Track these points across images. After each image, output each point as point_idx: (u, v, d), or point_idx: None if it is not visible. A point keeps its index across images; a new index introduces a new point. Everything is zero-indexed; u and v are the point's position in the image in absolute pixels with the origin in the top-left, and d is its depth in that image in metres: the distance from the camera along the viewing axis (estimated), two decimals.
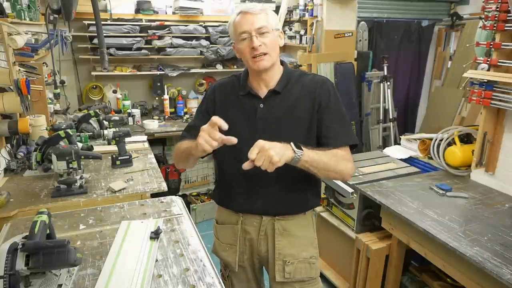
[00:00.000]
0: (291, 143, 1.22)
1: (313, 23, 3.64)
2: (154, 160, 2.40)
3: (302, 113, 1.38)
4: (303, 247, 1.48)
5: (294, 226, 1.47)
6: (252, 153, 1.15)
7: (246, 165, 1.17)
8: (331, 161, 1.30)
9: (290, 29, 4.12)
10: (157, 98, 3.98)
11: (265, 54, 1.31)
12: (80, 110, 3.36)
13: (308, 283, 1.49)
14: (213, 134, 1.17)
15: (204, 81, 4.17)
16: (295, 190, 1.43)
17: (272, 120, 1.38)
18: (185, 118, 3.81)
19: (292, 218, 1.46)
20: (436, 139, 2.40)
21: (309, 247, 1.49)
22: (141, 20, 3.66)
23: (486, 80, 2.02)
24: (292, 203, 1.44)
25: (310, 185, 1.48)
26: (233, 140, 1.18)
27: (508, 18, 1.89)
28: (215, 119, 1.17)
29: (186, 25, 3.77)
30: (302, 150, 1.22)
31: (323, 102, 1.38)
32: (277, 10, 4.02)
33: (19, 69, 2.01)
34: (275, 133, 1.36)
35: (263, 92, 1.40)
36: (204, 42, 3.84)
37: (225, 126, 1.17)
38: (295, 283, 1.47)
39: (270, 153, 1.13)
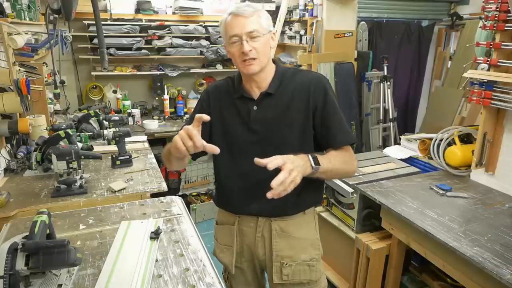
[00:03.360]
0: (309, 157, 1.22)
1: (313, 23, 3.64)
2: (154, 160, 2.41)
3: (296, 113, 1.35)
4: (303, 248, 1.45)
5: (293, 227, 1.44)
6: (279, 179, 1.10)
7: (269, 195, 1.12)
8: (342, 166, 1.33)
9: (290, 29, 4.12)
10: (157, 98, 3.98)
11: (254, 59, 1.28)
12: (80, 110, 3.37)
13: (308, 286, 1.46)
14: (192, 134, 1.10)
15: (204, 81, 4.17)
16: (292, 191, 1.39)
17: (266, 121, 1.36)
18: (185, 118, 3.81)
19: (290, 218, 1.44)
20: (436, 139, 2.40)
21: (309, 249, 1.46)
22: (141, 20, 3.67)
23: (486, 80, 2.02)
24: (289, 203, 1.39)
25: (309, 183, 1.42)
26: (216, 150, 1.14)
27: (508, 18, 1.89)
28: (198, 116, 1.13)
29: (186, 25, 3.77)
30: (319, 165, 1.22)
31: (320, 102, 1.35)
32: (277, 10, 4.02)
33: (19, 69, 2.01)
34: (270, 134, 1.37)
35: (256, 94, 1.38)
36: (204, 42, 3.84)
37: (206, 118, 1.13)
38: (294, 286, 1.45)
39: (296, 178, 1.12)
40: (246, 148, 1.39)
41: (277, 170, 1.19)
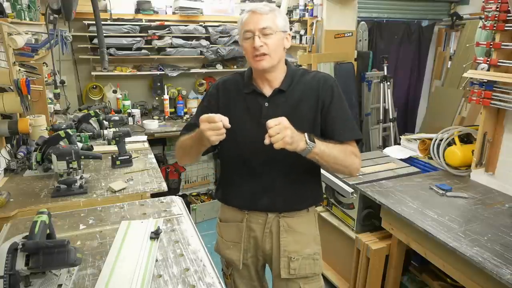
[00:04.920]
0: (305, 134, 1.23)
1: (313, 23, 3.64)
2: (154, 160, 2.40)
3: (305, 111, 1.39)
4: (307, 243, 1.49)
5: (298, 223, 1.48)
6: (271, 123, 1.16)
7: (266, 140, 1.17)
8: (340, 155, 1.32)
9: (290, 29, 4.11)
10: (157, 98, 3.98)
11: (265, 54, 1.32)
12: (80, 110, 3.37)
13: (312, 279, 1.51)
14: (217, 127, 1.18)
15: (204, 81, 4.17)
16: (299, 187, 1.45)
17: None
18: (185, 118, 3.81)
19: (296, 215, 1.48)
20: (436, 139, 2.40)
21: (312, 244, 1.51)
22: (141, 20, 3.66)
23: (486, 80, 2.02)
24: (297, 200, 1.46)
25: (313, 182, 1.51)
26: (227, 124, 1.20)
27: (508, 18, 1.89)
28: (218, 117, 1.18)
29: (186, 25, 3.77)
30: (314, 142, 1.23)
31: (327, 100, 1.39)
32: None
33: (19, 69, 2.01)
34: None
35: (267, 91, 1.41)
36: (204, 42, 3.84)
37: (228, 125, 1.19)
38: (299, 280, 1.49)
39: (287, 132, 1.15)
40: (255, 145, 1.39)
41: (288, 166, 1.29)
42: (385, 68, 3.85)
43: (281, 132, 1.15)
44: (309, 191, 1.49)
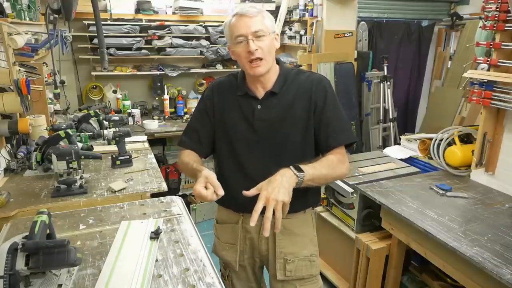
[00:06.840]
0: (291, 168, 1.21)
1: (313, 23, 3.64)
2: (154, 160, 2.40)
3: (299, 113, 1.38)
4: (303, 245, 1.49)
5: (294, 225, 1.47)
6: (258, 206, 1.12)
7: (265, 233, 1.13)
8: (329, 171, 1.32)
9: (290, 29, 4.12)
10: (157, 98, 3.98)
11: (261, 59, 1.30)
12: (80, 110, 3.37)
13: (309, 281, 1.50)
14: (209, 196, 1.19)
15: (204, 81, 4.17)
16: (295, 189, 1.43)
17: (269, 121, 1.38)
18: (185, 118, 3.81)
19: (293, 217, 1.46)
20: (436, 139, 2.40)
21: (309, 245, 1.50)
22: (141, 20, 3.67)
23: (486, 80, 2.02)
24: (293, 202, 1.43)
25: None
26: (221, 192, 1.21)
27: (508, 18, 1.89)
28: (211, 195, 1.19)
29: (186, 25, 3.77)
30: (303, 171, 1.21)
31: (320, 102, 1.37)
32: (277, 10, 4.02)
33: (19, 69, 2.01)
34: (273, 133, 1.38)
35: (260, 93, 1.40)
36: (204, 42, 3.84)
37: (221, 193, 1.20)
38: (296, 281, 1.48)
39: (278, 198, 1.12)
40: (249, 147, 1.40)
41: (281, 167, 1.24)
42: (385, 68, 3.85)
43: (270, 195, 1.12)
44: (304, 193, 1.44)
